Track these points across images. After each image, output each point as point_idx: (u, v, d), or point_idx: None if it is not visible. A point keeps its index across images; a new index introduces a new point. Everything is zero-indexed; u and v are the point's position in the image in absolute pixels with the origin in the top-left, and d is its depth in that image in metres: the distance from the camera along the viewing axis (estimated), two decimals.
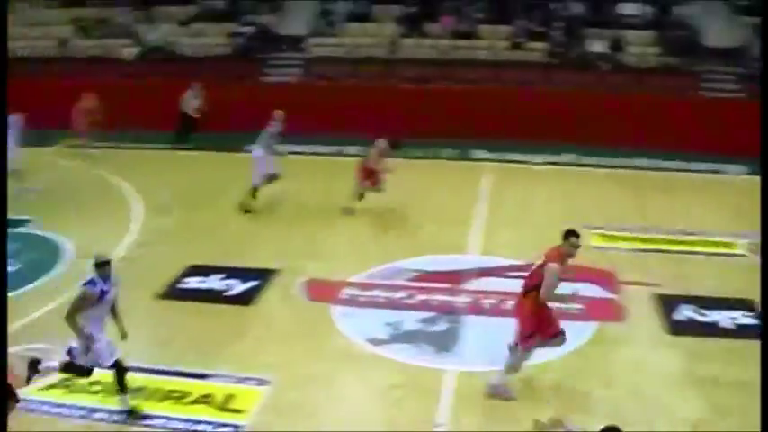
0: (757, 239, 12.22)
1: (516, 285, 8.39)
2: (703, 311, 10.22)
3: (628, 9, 21.28)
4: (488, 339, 9.14)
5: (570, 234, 7.89)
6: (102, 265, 7.59)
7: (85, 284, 7.55)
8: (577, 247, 7.88)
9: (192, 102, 18.73)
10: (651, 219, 14.02)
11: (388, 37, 21.24)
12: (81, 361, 7.65)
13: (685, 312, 10.25)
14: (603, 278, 11.11)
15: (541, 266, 7.86)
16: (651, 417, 7.83)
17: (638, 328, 9.87)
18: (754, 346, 8.82)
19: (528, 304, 7.96)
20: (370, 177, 13.82)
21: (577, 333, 9.14)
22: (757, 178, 15.20)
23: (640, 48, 20.20)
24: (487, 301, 10.48)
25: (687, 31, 20.13)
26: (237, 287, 10.98)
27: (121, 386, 7.74)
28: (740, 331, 9.74)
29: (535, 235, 11.47)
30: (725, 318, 10.05)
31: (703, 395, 8.24)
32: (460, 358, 9.03)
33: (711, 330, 9.78)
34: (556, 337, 8.09)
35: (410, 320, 9.98)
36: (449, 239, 12.67)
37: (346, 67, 20.72)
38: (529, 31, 20.97)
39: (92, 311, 7.54)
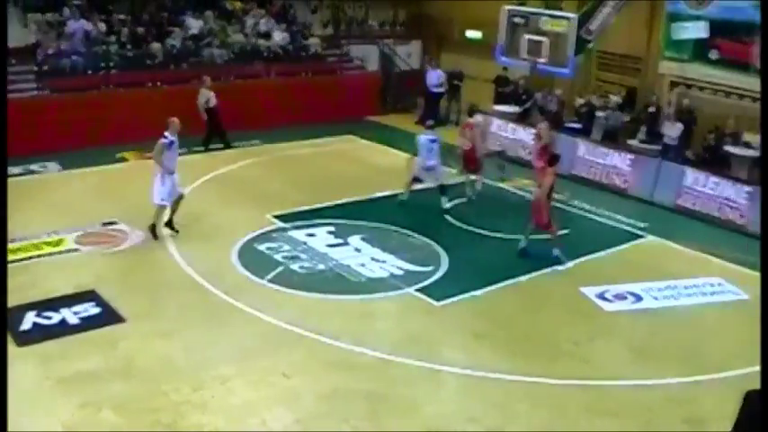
0: (82, 230, 14.24)
1: None
2: (47, 314, 11.38)
3: None
4: None
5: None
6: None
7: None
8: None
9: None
10: None
11: None
12: None
13: (31, 320, 11.23)
14: None
15: None
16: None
17: None
18: (103, 333, 11.05)
19: None
20: None
21: None
22: (71, 172, 17.34)
23: None
24: None
25: None
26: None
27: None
28: (86, 322, 11.26)
29: None
30: (70, 314, 11.42)
31: (70, 393, 9.55)
32: None
33: (60, 330, 11.05)
34: None
35: None
36: None
37: None
38: None
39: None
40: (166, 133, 14.47)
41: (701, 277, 14.21)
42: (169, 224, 14.75)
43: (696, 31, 20.41)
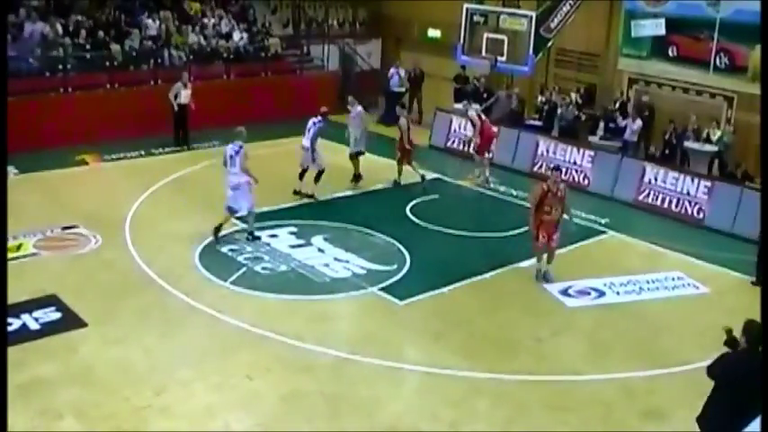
0: (41, 235, 14.20)
1: None
2: (8, 320, 11.05)
3: None
4: None
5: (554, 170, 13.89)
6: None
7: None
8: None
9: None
10: None
11: None
12: None
13: None
14: None
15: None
16: None
17: None
18: (64, 337, 10.98)
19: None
20: None
21: None
22: (29, 175, 17.55)
23: None
24: None
25: None
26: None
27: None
28: (47, 328, 11.19)
29: None
30: (30, 319, 11.33)
31: (30, 399, 9.48)
32: None
33: (21, 335, 10.90)
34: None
35: None
36: None
37: None
38: None
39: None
40: (239, 142, 14.57)
41: (662, 272, 14.41)
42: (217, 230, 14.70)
43: (653, 28, 20.71)
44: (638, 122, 20.11)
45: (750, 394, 7.37)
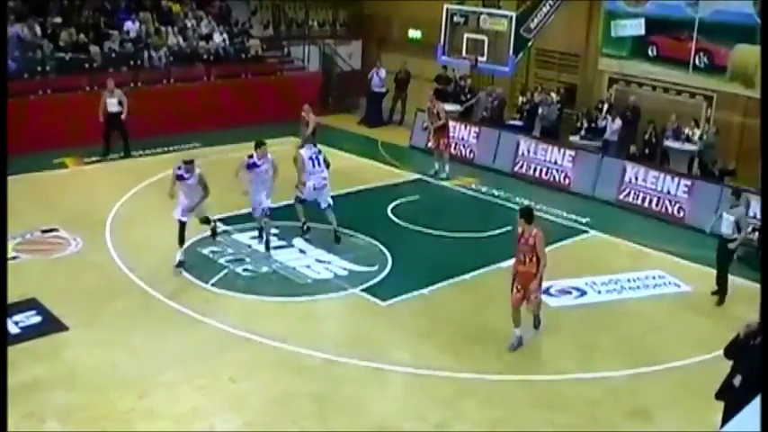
0: (21, 238, 14.07)
1: None
2: None
3: None
4: None
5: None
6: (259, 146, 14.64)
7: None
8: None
9: None
10: None
11: None
12: None
13: None
14: None
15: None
16: None
17: None
18: (46, 341, 10.90)
19: None
20: None
21: None
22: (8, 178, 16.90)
23: None
24: None
25: None
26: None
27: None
28: (28, 332, 11.09)
29: None
30: (10, 323, 11.16)
31: (13, 404, 9.09)
32: None
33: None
34: None
35: None
36: None
37: None
38: None
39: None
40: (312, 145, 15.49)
41: (643, 270, 14.50)
42: None
43: (634, 28, 20.84)
44: (618, 122, 20.21)
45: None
